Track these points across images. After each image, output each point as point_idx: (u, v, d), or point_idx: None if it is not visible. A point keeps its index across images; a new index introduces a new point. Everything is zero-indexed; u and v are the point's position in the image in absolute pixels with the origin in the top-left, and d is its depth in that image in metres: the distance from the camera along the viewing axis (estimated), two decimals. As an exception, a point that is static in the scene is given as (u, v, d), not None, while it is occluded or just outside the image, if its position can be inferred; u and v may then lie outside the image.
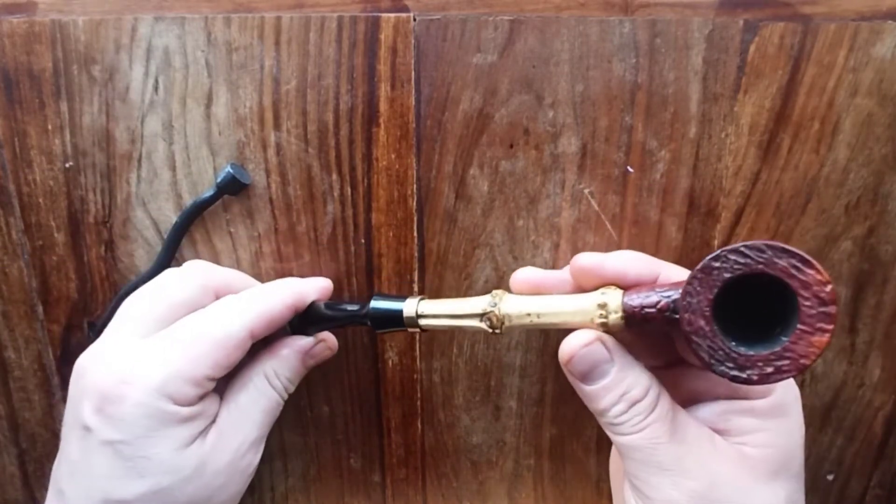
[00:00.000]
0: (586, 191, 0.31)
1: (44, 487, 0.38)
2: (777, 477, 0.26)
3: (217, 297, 0.30)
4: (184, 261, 0.33)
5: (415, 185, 0.32)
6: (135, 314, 0.28)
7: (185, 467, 0.26)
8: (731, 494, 0.25)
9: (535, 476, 0.37)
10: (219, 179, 0.31)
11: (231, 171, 0.31)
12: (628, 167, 0.31)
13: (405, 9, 0.29)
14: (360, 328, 0.34)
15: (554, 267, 0.33)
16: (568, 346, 0.26)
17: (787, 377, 0.22)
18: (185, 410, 0.26)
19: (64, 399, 0.36)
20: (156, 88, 0.30)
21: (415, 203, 0.32)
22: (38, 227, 0.33)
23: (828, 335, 0.21)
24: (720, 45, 0.29)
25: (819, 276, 0.21)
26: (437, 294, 0.33)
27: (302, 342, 0.31)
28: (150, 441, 0.25)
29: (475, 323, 0.27)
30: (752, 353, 0.22)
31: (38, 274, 0.34)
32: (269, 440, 0.36)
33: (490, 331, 0.27)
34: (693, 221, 0.32)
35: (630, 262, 0.27)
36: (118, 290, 0.33)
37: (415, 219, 0.32)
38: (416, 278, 0.33)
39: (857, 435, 0.36)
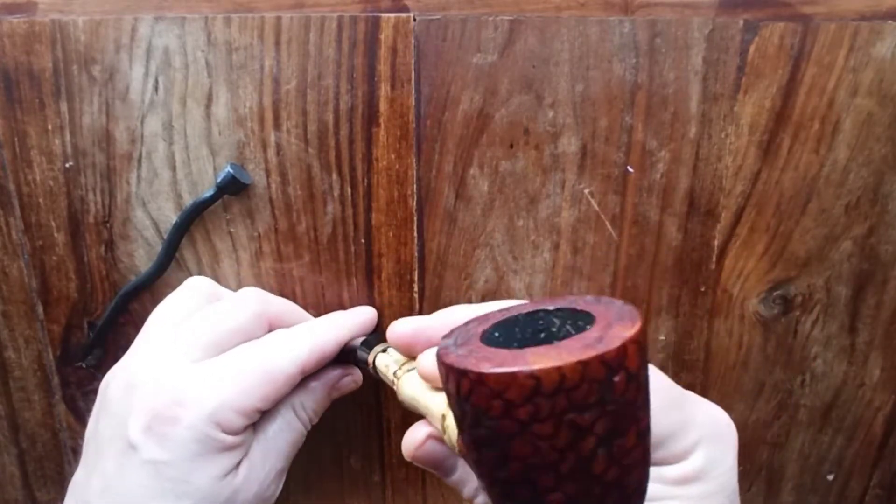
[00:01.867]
0: (586, 191, 0.31)
1: (44, 487, 0.38)
2: None
3: (270, 328, 0.30)
4: (184, 261, 0.33)
5: (415, 185, 0.32)
6: (188, 336, 0.28)
7: (219, 496, 0.26)
8: None
9: (535, 476, 0.36)
10: (219, 179, 0.31)
11: (231, 171, 0.31)
12: (628, 167, 0.31)
13: (405, 9, 0.29)
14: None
15: (553, 268, 0.33)
16: (405, 445, 0.24)
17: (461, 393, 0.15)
18: (230, 439, 0.26)
19: (64, 399, 0.36)
20: (156, 88, 0.30)
21: (415, 203, 0.32)
22: (38, 227, 0.33)
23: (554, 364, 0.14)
24: (720, 45, 0.29)
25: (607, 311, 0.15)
26: (437, 293, 0.33)
27: (330, 375, 0.31)
28: (193, 465, 0.25)
29: (391, 372, 0.26)
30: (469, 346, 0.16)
31: (38, 274, 0.34)
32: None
33: (392, 386, 0.25)
34: (693, 221, 0.32)
35: None
36: (118, 290, 0.33)
37: (415, 219, 0.32)
38: (416, 278, 0.33)
39: (857, 435, 0.36)
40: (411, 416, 0.35)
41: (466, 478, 0.23)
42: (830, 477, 0.36)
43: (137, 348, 0.29)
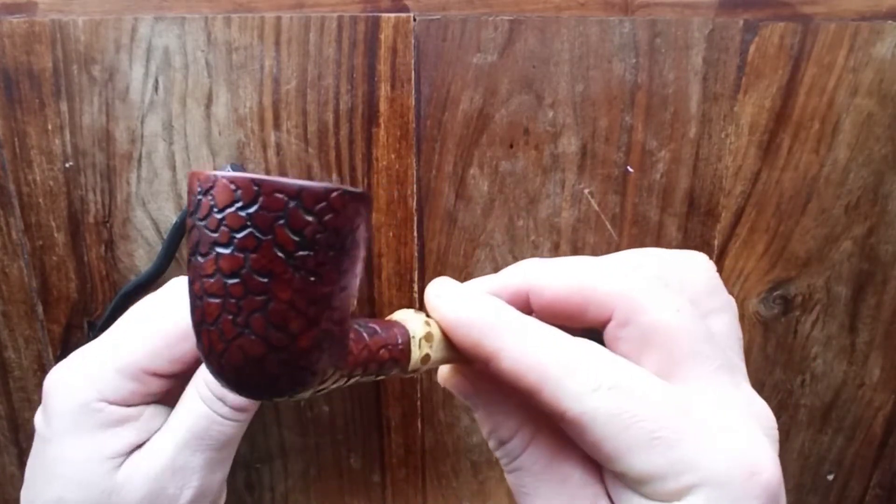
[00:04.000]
0: (586, 191, 0.31)
1: (44, 487, 0.38)
2: None
3: None
4: (184, 261, 0.33)
5: (415, 185, 0.31)
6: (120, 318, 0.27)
7: (94, 486, 0.23)
8: None
9: (535, 476, 0.36)
10: (219, 179, 0.31)
11: (231, 171, 0.31)
12: (628, 167, 0.31)
13: (405, 9, 0.29)
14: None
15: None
16: (440, 374, 0.23)
17: None
18: (116, 411, 0.24)
19: (64, 399, 0.36)
20: (156, 88, 0.30)
21: (415, 203, 0.32)
22: (38, 227, 0.33)
23: None
24: (720, 45, 0.29)
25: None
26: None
27: None
28: (71, 440, 0.23)
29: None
30: None
31: (38, 274, 0.34)
32: (268, 440, 0.36)
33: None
34: (693, 221, 0.32)
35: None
36: (118, 290, 0.33)
37: (415, 219, 0.32)
38: (416, 278, 0.33)
39: (857, 435, 0.36)
40: (411, 414, 0.35)
41: (483, 420, 0.22)
42: (830, 477, 0.36)
43: None
